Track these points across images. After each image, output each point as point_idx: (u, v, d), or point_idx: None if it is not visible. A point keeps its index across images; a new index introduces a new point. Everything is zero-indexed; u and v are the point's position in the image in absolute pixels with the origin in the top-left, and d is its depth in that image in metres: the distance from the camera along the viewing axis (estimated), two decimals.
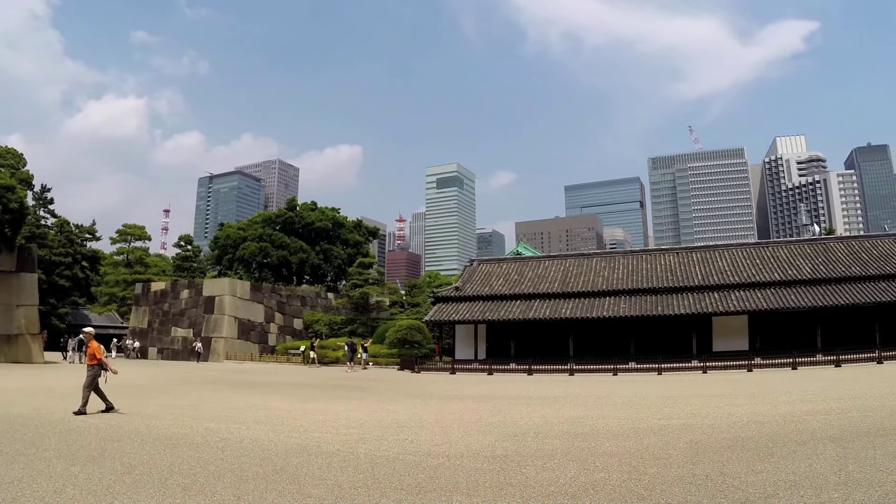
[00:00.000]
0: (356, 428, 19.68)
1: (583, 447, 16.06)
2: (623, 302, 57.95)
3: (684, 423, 20.42)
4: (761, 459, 14.00)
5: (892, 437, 16.02)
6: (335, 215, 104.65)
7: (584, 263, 66.70)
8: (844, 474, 12.19)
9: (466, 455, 15.04)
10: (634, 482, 12.07)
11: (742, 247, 68.71)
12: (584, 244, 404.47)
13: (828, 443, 15.61)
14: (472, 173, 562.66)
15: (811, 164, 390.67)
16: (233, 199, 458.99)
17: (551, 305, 58.60)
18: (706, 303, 56.46)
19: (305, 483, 11.96)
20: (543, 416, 22.80)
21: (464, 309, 59.94)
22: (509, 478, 12.52)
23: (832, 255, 63.11)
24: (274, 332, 76.24)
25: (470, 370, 55.43)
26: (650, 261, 65.73)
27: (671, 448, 15.72)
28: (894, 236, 69.54)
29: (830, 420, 19.78)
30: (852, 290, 56.18)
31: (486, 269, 68.43)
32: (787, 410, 22.88)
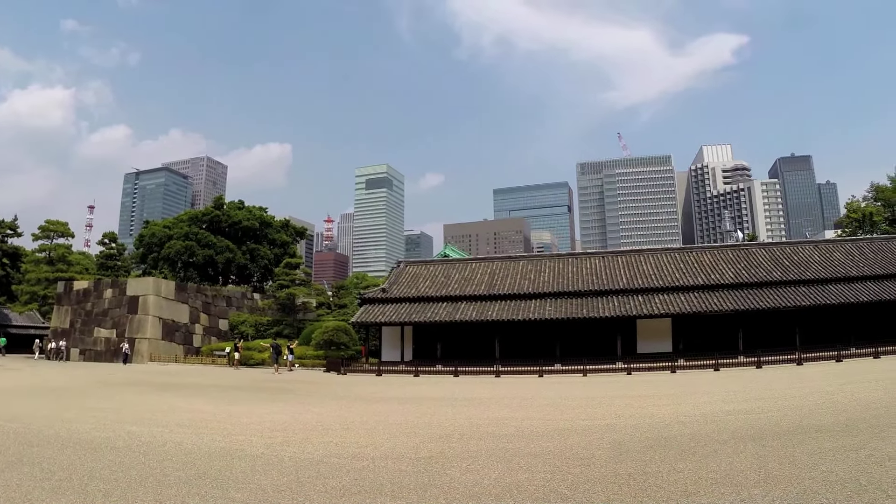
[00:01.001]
0: (281, 431, 19.61)
1: (507, 448, 16.24)
2: (549, 304, 58.39)
3: (608, 423, 20.73)
4: (683, 458, 14.31)
5: (810, 436, 16.46)
6: (262, 215, 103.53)
7: (510, 266, 67.02)
8: (764, 472, 12.54)
9: (391, 457, 15.12)
10: (558, 482, 12.27)
11: (667, 251, 69.73)
12: (511, 247, 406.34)
13: (748, 441, 16.02)
14: (401, 175, 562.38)
15: (736, 173, 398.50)
16: (159, 197, 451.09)
17: (478, 308, 58.78)
18: (631, 306, 57.21)
19: (229, 487, 11.93)
20: (469, 418, 22.94)
21: (391, 310, 59.82)
22: (434, 479, 12.63)
23: (754, 261, 64.51)
24: (199, 333, 74.86)
25: (396, 372, 55.31)
26: (576, 264, 66.30)
27: (595, 448, 15.98)
28: (815, 243, 71.76)
29: (751, 420, 20.25)
30: (773, 294, 57.48)
31: (413, 270, 68.39)
32: (709, 410, 23.36)
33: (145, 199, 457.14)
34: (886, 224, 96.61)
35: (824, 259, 64.59)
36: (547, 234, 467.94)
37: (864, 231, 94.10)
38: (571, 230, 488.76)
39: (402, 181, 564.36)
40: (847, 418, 19.32)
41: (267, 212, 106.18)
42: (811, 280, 59.53)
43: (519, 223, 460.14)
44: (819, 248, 68.67)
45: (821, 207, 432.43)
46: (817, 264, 63.27)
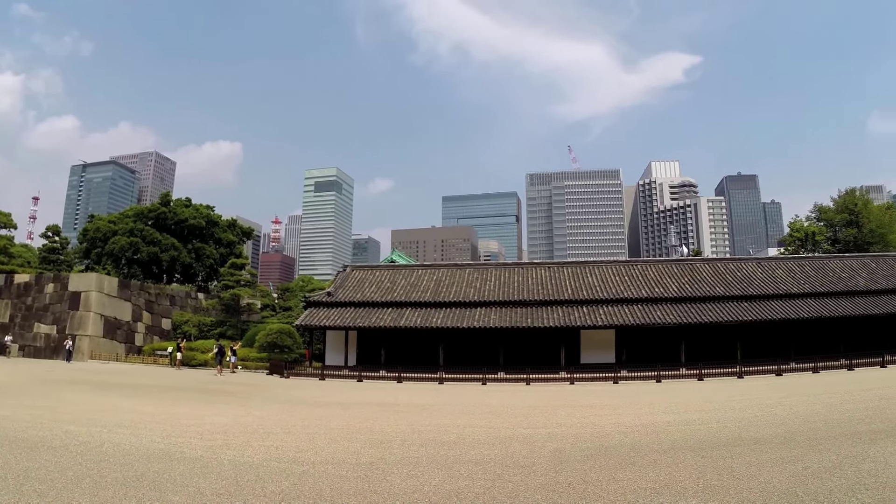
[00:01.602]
0: (221, 433, 19.45)
1: (448, 455, 16.24)
2: (494, 313, 58.48)
3: (549, 432, 20.82)
4: (623, 468, 14.43)
5: (749, 448, 16.68)
6: (209, 213, 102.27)
7: (456, 274, 67.08)
8: (703, 482, 12.69)
9: (332, 462, 15.06)
10: (498, 490, 12.30)
11: (612, 264, 70.30)
12: (458, 255, 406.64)
13: (688, 452, 16.19)
14: (351, 178, 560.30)
15: (683, 189, 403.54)
16: (106, 191, 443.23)
17: (423, 314, 58.72)
18: (575, 316, 57.49)
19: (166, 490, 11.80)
20: (411, 424, 22.91)
21: (335, 315, 59.50)
22: (374, 485, 12.61)
23: (698, 276, 65.36)
24: (141, 332, 73.70)
25: (340, 376, 55.09)
26: (522, 274, 66.56)
27: (535, 456, 16.04)
28: (758, 260, 73.16)
29: (691, 430, 20.49)
30: (716, 308, 58.27)
31: (359, 275, 68.10)
32: (649, 421, 23.56)
33: (91, 192, 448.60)
34: (828, 244, 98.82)
35: (766, 276, 65.72)
36: (494, 243, 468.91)
37: (806, 250, 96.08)
38: (519, 240, 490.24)
39: (352, 185, 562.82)
40: (786, 431, 19.61)
41: (214, 210, 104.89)
42: (753, 296, 60.61)
43: (467, 231, 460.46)
44: (762, 265, 69.95)
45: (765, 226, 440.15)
46: (760, 281, 64.32)
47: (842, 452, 15.63)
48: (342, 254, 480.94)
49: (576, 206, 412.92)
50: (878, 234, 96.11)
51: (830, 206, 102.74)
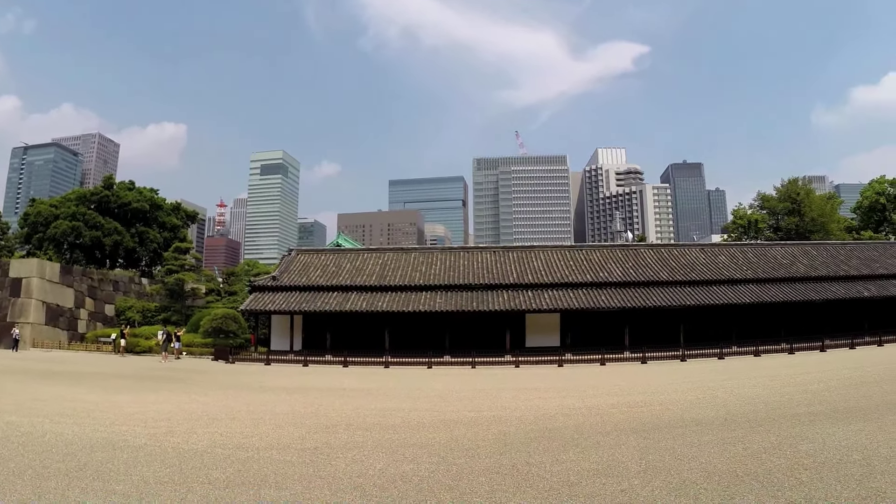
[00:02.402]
0: (165, 420, 19.31)
1: (393, 439, 16.33)
2: (439, 297, 58.52)
3: (494, 415, 20.98)
4: (567, 449, 14.60)
5: (690, 429, 16.99)
6: (153, 196, 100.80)
7: (402, 258, 66.91)
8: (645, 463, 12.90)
9: (277, 447, 15.05)
10: (442, 473, 12.38)
11: (557, 249, 70.77)
12: (405, 239, 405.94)
13: (630, 434, 16.45)
14: (297, 161, 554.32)
15: (629, 176, 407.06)
16: (48, 173, 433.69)
17: (368, 298, 58.54)
18: (520, 300, 57.76)
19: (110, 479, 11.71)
20: (356, 409, 22.94)
21: (280, 299, 59.07)
22: (319, 470, 12.63)
23: (642, 261, 65.97)
24: (84, 319, 72.32)
25: (285, 361, 54.80)
26: (468, 258, 66.66)
27: (480, 439, 16.17)
28: (701, 246, 74.12)
29: (634, 413, 20.79)
30: (660, 293, 58.94)
31: (304, 259, 67.65)
32: (593, 403, 23.83)
33: (33, 175, 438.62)
34: (770, 231, 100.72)
35: (710, 262, 66.57)
36: (441, 228, 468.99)
37: (748, 237, 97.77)
38: (465, 224, 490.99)
39: (298, 168, 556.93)
40: (727, 413, 19.97)
41: (158, 194, 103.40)
42: (697, 281, 61.40)
43: (413, 215, 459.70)
44: (705, 251, 70.86)
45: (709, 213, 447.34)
46: (703, 266, 65.12)
47: (781, 434, 15.98)
48: (288, 238, 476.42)
49: (522, 192, 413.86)
50: (819, 222, 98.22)
51: (773, 195, 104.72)
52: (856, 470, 12.10)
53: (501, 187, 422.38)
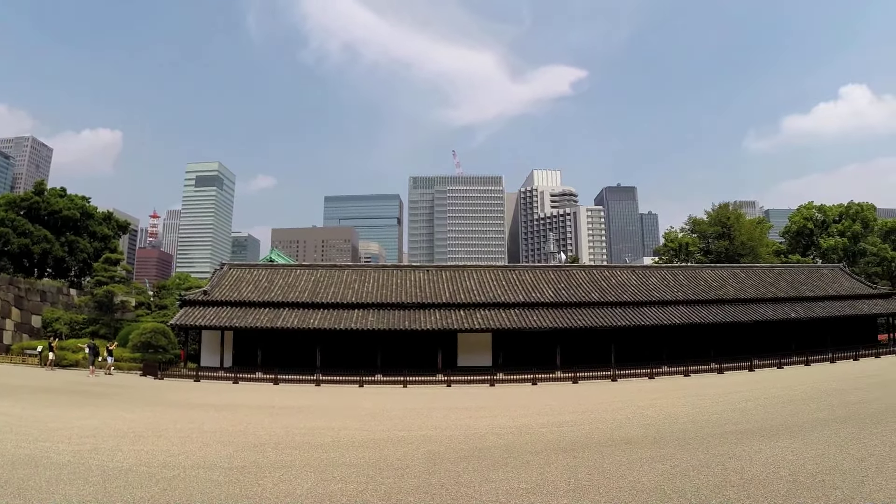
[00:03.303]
0: (91, 437, 18.91)
1: (322, 458, 16.18)
2: (371, 315, 58.29)
3: (424, 434, 20.90)
4: (496, 469, 14.60)
5: (620, 448, 17.11)
6: (85, 205, 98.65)
7: (335, 275, 66.54)
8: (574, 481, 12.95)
9: (203, 466, 14.82)
10: (371, 493, 12.31)
11: (490, 268, 70.93)
12: (339, 255, 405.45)
13: (560, 453, 16.49)
14: (232, 174, 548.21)
15: (564, 198, 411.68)
16: None
17: (300, 315, 58.07)
18: (452, 319, 57.84)
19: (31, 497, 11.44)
20: (285, 427, 22.70)
21: (211, 314, 58.29)
22: (245, 490, 12.46)
23: (574, 282, 66.56)
24: (10, 330, 70.41)
25: (215, 378, 54.05)
26: (401, 276, 66.54)
27: (410, 459, 16.10)
28: (632, 268, 75.28)
29: (564, 432, 20.87)
30: (591, 314, 59.48)
31: (236, 273, 66.88)
32: (524, 423, 23.89)
33: None
34: (701, 254, 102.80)
35: (641, 283, 67.50)
36: (375, 245, 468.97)
37: (679, 259, 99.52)
38: (400, 242, 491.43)
39: (234, 181, 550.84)
40: (656, 431, 20.16)
41: (90, 202, 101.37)
42: (628, 302, 62.20)
43: (348, 232, 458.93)
44: (636, 272, 71.95)
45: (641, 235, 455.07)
46: (634, 288, 65.99)
47: (710, 452, 16.19)
48: (221, 251, 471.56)
49: (458, 211, 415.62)
50: (749, 246, 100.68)
51: (704, 219, 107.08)
52: (783, 486, 12.30)
53: (437, 206, 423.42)
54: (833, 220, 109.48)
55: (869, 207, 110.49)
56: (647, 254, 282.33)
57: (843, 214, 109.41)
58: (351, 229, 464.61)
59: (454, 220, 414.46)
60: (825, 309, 67.02)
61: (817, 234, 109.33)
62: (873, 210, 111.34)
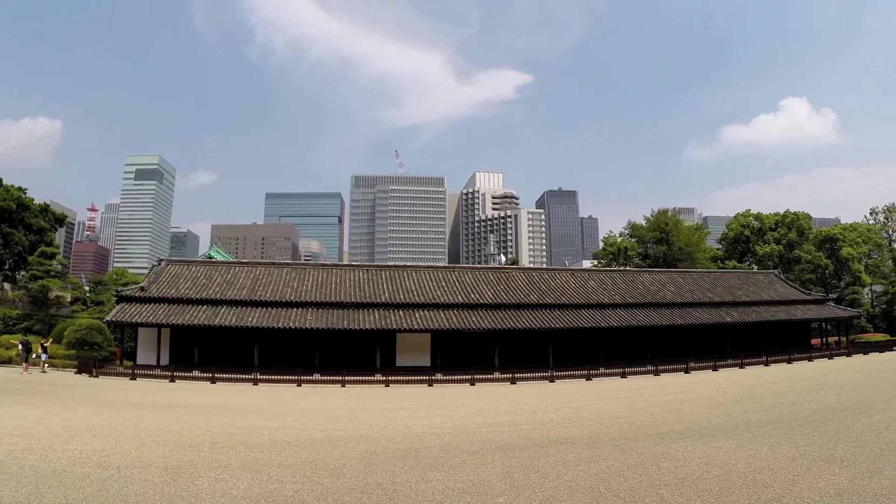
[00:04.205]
0: (23, 436, 18.57)
1: (259, 458, 16.08)
2: (310, 314, 58.01)
3: (362, 434, 20.87)
4: (433, 469, 14.63)
5: (556, 448, 17.25)
6: (21, 196, 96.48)
7: (274, 273, 66.11)
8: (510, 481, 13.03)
9: (138, 466, 14.65)
10: (307, 493, 12.27)
11: (430, 269, 71.13)
12: (279, 253, 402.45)
13: (497, 453, 16.58)
14: (173, 168, 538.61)
15: (505, 200, 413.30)
16: None
17: (238, 313, 57.57)
18: (391, 319, 57.88)
19: None
20: (222, 427, 22.50)
21: (148, 311, 57.41)
22: (181, 490, 12.35)
23: (514, 284, 67.01)
24: None
25: (152, 376, 53.31)
26: (340, 275, 66.37)
27: (347, 458, 16.08)
28: (571, 271, 76.19)
29: (501, 432, 20.98)
30: (530, 315, 59.97)
31: (174, 270, 65.96)
32: (461, 423, 23.96)
33: None
34: (639, 258, 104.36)
35: (580, 286, 68.20)
36: (316, 244, 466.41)
37: (618, 263, 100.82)
38: (341, 241, 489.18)
39: (174, 175, 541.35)
40: (592, 432, 20.38)
41: (27, 193, 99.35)
42: (566, 305, 62.87)
43: (288, 230, 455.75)
44: (575, 275, 72.79)
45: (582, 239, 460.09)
46: (573, 290, 66.67)
47: (644, 451, 16.40)
48: (160, 247, 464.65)
49: (399, 211, 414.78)
50: (687, 252, 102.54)
51: (643, 224, 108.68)
52: (715, 485, 12.51)
53: (378, 206, 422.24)
54: (769, 228, 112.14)
55: (804, 217, 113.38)
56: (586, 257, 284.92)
57: (779, 223, 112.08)
58: (292, 227, 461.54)
59: (396, 219, 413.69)
60: (760, 314, 68.48)
61: (754, 241, 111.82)
62: (808, 219, 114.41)
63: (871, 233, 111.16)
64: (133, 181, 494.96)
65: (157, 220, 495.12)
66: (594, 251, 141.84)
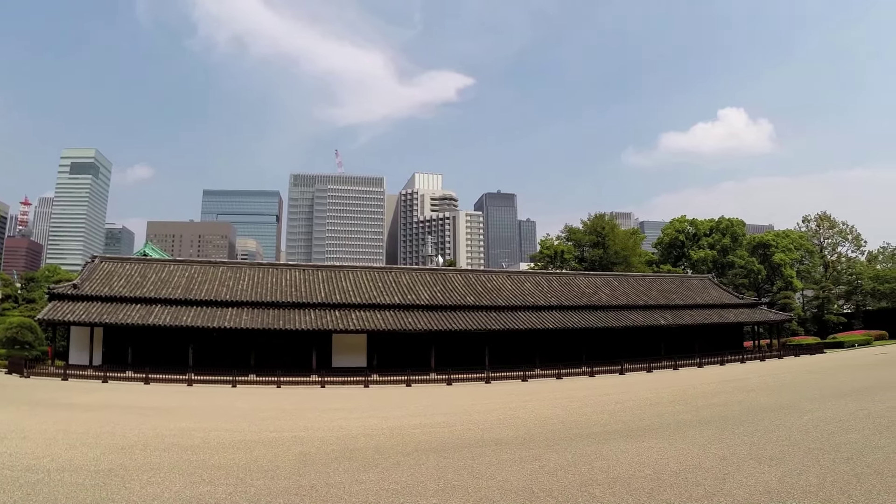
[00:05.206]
0: None
1: (191, 460, 15.97)
2: (246, 314, 57.57)
3: (296, 435, 20.82)
4: (367, 470, 14.66)
5: (490, 449, 17.37)
6: None
7: (210, 271, 65.37)
8: (443, 482, 13.10)
9: (69, 469, 14.47)
10: (240, 495, 12.23)
11: (367, 269, 71.14)
12: (215, 252, 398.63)
13: (431, 454, 16.65)
14: (109, 162, 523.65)
15: (444, 202, 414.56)
16: None
17: (173, 312, 56.76)
18: (327, 320, 57.70)
19: None
20: (154, 428, 22.27)
21: (81, 309, 56.34)
22: (112, 493, 12.23)
23: (450, 285, 67.24)
24: None
25: (84, 377, 52.42)
26: (276, 275, 65.98)
27: (280, 460, 16.04)
28: (508, 273, 76.70)
29: (436, 433, 21.06)
30: (466, 317, 60.26)
31: (108, 267, 64.79)
32: (396, 424, 24.03)
33: None
34: (575, 261, 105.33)
35: (516, 288, 68.70)
36: (253, 242, 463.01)
37: (554, 266, 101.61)
38: (278, 240, 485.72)
39: (110, 169, 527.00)
40: (526, 433, 20.54)
41: None
42: (502, 306, 63.30)
43: (226, 228, 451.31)
44: (512, 278, 73.25)
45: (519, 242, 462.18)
46: (509, 292, 67.11)
47: (577, 452, 16.60)
48: (94, 243, 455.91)
49: (338, 211, 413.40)
50: (622, 255, 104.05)
51: (580, 228, 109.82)
52: (646, 484, 12.71)
53: (317, 205, 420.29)
54: (704, 234, 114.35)
55: (738, 223, 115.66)
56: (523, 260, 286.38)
57: (713, 228, 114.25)
58: (229, 225, 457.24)
59: (334, 219, 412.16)
60: (694, 317, 69.69)
61: (689, 246, 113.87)
62: (742, 225, 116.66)
63: (803, 240, 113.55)
64: (68, 175, 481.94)
65: (92, 216, 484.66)
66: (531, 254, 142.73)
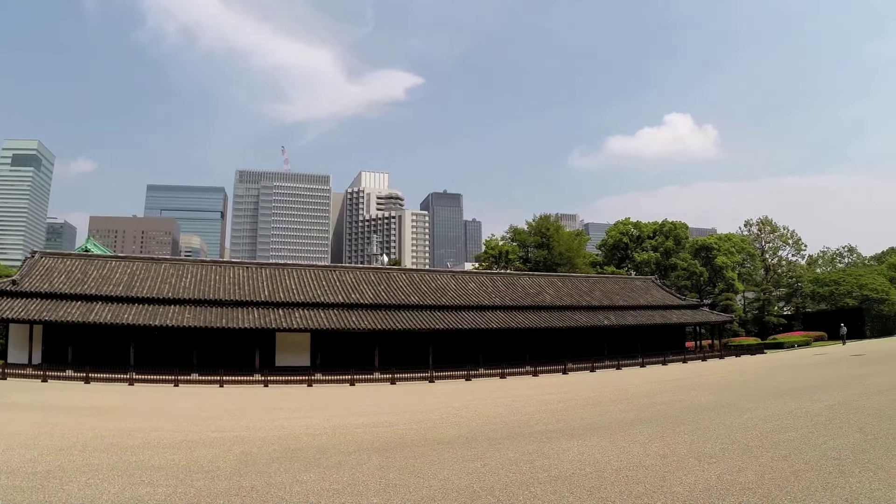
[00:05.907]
0: None
1: (131, 461, 15.76)
2: (188, 312, 56.98)
3: (237, 435, 20.67)
4: (308, 469, 14.59)
5: (433, 448, 17.39)
6: None
7: (152, 268, 64.54)
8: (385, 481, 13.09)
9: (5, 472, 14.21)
10: (180, 496, 12.10)
11: (310, 268, 70.96)
12: (159, 248, 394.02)
13: (373, 453, 16.61)
14: (52, 154, 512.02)
15: (390, 201, 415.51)
16: None
17: (114, 310, 55.92)
18: (271, 318, 57.44)
19: None
20: (93, 429, 21.96)
21: (20, 306, 55.30)
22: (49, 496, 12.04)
23: (395, 284, 67.30)
24: None
25: (23, 376, 51.51)
26: (220, 272, 65.49)
27: (221, 460, 15.88)
28: (452, 273, 77.06)
29: (379, 432, 21.04)
30: (410, 316, 60.35)
31: (49, 263, 63.73)
32: (339, 423, 23.97)
33: None
34: (520, 262, 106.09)
35: (460, 288, 68.90)
36: (197, 239, 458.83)
37: (499, 266, 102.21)
38: (223, 237, 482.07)
39: (53, 162, 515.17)
40: (469, 432, 20.57)
41: None
42: (447, 306, 63.52)
43: (169, 224, 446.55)
44: (456, 277, 73.54)
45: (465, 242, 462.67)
46: (453, 292, 67.31)
47: (519, 450, 16.63)
48: (35, 238, 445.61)
49: (283, 208, 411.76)
50: (567, 257, 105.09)
51: (525, 228, 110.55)
52: (588, 482, 12.77)
53: (262, 202, 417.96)
54: (648, 236, 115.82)
55: (682, 226, 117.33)
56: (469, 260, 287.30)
57: (657, 231, 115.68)
58: (173, 221, 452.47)
59: (279, 217, 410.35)
60: (637, 317, 70.60)
61: (632, 248, 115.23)
62: (686, 228, 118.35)
63: (745, 243, 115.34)
64: (9, 167, 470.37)
65: (33, 210, 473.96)
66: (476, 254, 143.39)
